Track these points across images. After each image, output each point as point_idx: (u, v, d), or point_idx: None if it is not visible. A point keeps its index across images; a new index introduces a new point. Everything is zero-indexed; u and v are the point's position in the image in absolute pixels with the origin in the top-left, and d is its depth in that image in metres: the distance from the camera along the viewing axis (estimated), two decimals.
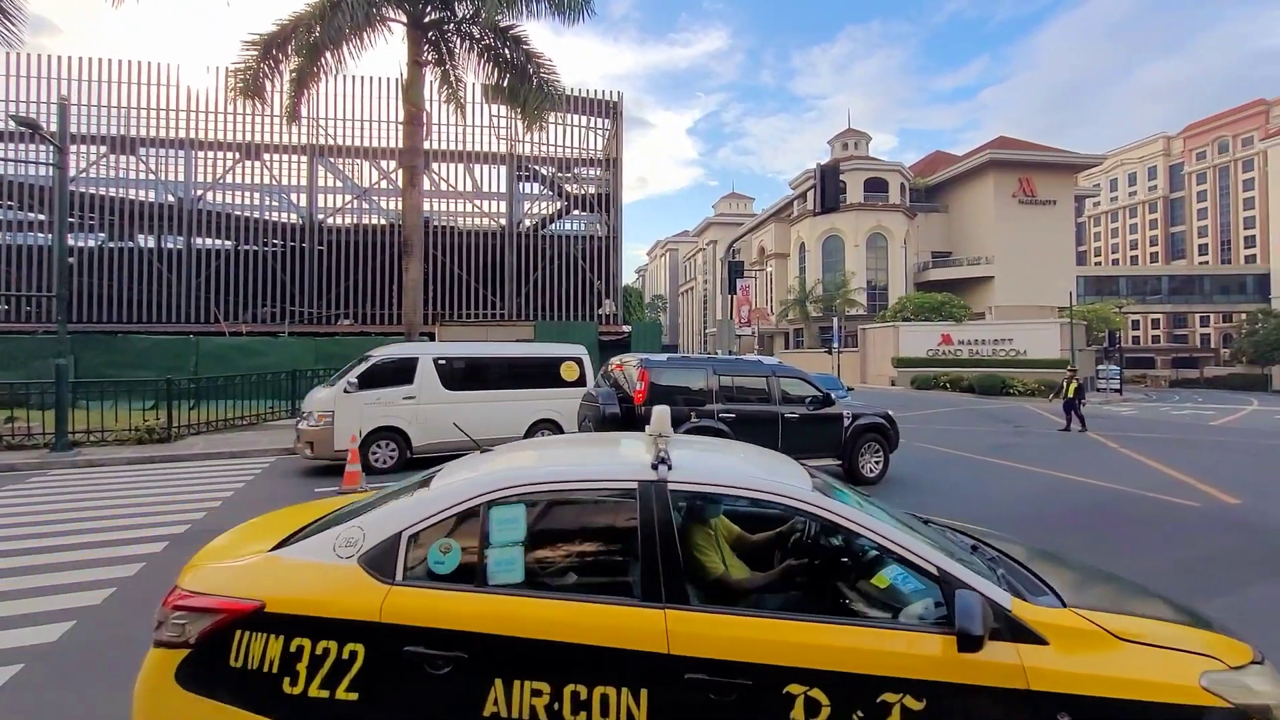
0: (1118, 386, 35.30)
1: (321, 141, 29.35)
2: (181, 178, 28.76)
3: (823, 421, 9.00)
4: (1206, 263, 79.87)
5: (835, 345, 43.14)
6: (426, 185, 29.06)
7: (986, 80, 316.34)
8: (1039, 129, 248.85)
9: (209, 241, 28.95)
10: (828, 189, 14.80)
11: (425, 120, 16.75)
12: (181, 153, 28.58)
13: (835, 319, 48.17)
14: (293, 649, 2.00)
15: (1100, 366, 36.86)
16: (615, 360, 8.96)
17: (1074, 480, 9.70)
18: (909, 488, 8.97)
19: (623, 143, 31.67)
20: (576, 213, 31.96)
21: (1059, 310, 44.39)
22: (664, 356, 8.69)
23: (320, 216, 29.54)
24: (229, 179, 29.50)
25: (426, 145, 25.99)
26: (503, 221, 30.63)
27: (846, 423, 9.15)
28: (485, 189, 31.12)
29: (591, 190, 31.74)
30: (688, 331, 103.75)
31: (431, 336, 21.31)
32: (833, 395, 9.60)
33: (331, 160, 29.98)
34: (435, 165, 30.42)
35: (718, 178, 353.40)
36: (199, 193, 28.90)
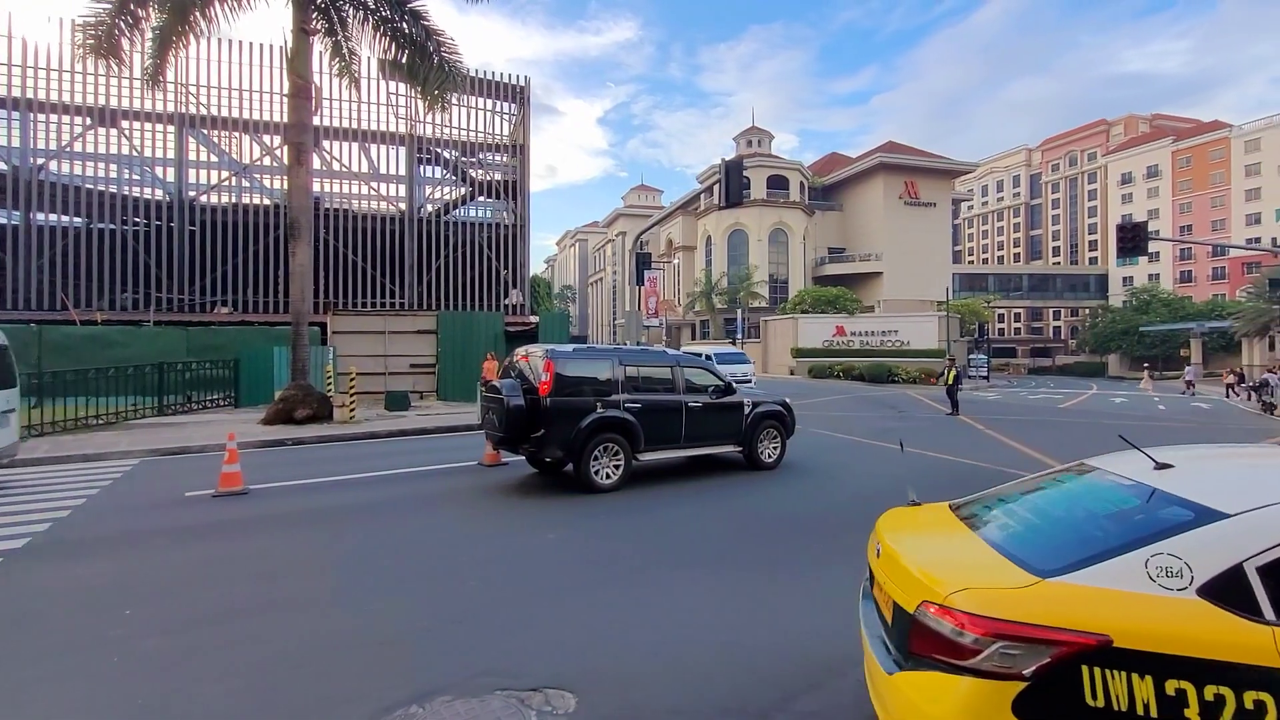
0: (985, 374, 39.06)
1: (193, 111, 26.62)
2: (16, 143, 25.13)
3: (725, 410, 9.31)
4: (1059, 263, 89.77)
5: (739, 336, 44.62)
6: (317, 164, 27.17)
7: (878, 87, 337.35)
8: (923, 136, 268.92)
9: (53, 218, 25.53)
10: (732, 184, 15.27)
11: (314, 94, 15.62)
12: (16, 114, 24.96)
13: (739, 311, 49.86)
14: (1147, 686, 1.89)
15: (971, 356, 40.59)
16: (520, 351, 8.82)
17: (944, 459, 10.67)
18: (804, 472, 9.50)
19: (530, 129, 31.05)
20: (482, 199, 31.03)
21: (937, 304, 48.31)
22: (570, 347, 8.64)
23: (191, 193, 26.84)
24: (78, 147, 26.12)
25: (316, 121, 24.27)
26: (402, 206, 29.19)
27: (747, 411, 9.52)
28: (383, 171, 29.50)
29: (498, 177, 30.90)
30: (597, 322, 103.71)
31: (322, 327, 20.00)
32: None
33: (205, 132, 27.28)
34: (327, 143, 28.47)
35: (627, 169, 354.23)
36: (39, 162, 25.38)
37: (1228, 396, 30.05)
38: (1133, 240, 20.96)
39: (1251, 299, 43.65)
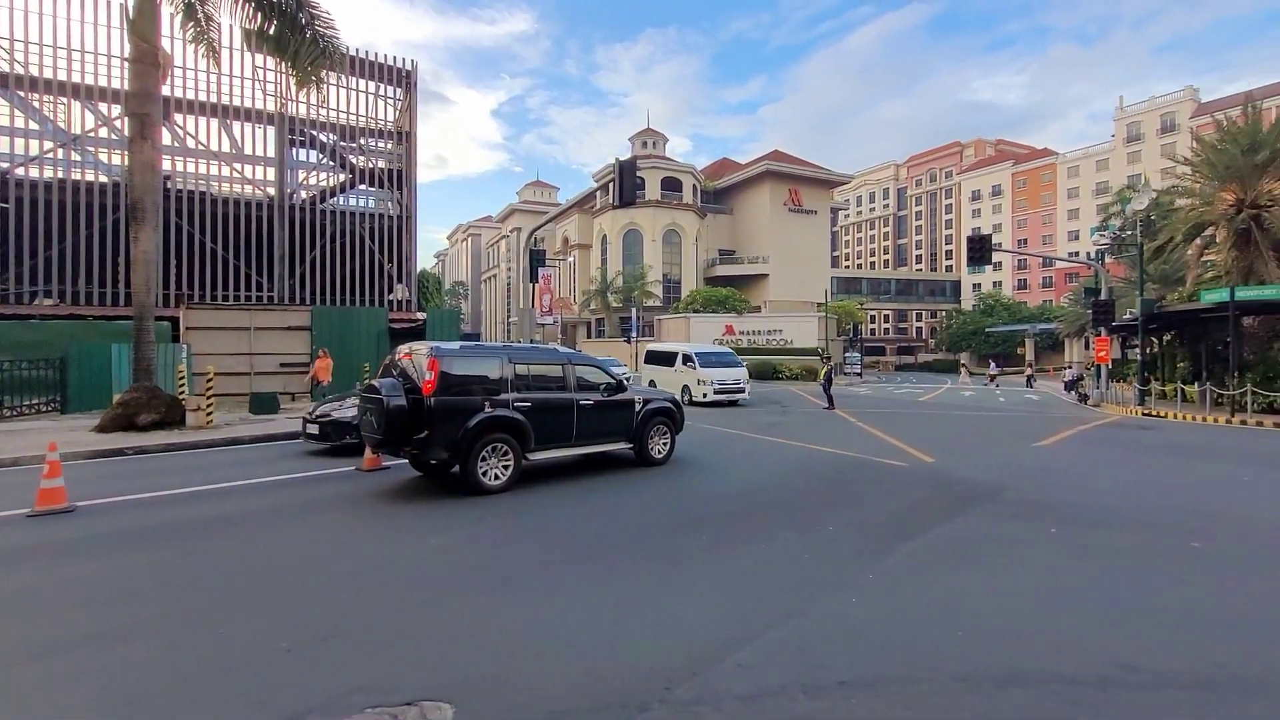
0: (859, 371, 42.24)
1: (5, 69, 22.88)
2: None
3: (616, 407, 9.39)
4: (921, 270, 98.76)
5: (634, 335, 45.17)
6: (167, 139, 24.35)
7: (765, 98, 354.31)
8: (806, 147, 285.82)
9: None
10: (626, 184, 15.41)
11: (163, 61, 13.93)
12: None
13: (634, 310, 50.44)
14: None
15: (847, 354, 43.73)
16: (403, 349, 8.38)
17: (821, 450, 11.41)
18: (693, 466, 9.78)
19: (417, 116, 29.60)
20: (364, 188, 29.16)
21: (817, 305, 51.57)
22: (456, 345, 8.32)
23: (4, 165, 23.08)
24: None
25: (167, 91, 21.73)
26: (271, 191, 26.78)
27: (638, 408, 9.65)
28: (248, 152, 26.91)
29: (381, 164, 29.17)
30: (490, 320, 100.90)
31: (173, 321, 17.93)
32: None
33: (24, 95, 23.54)
34: (180, 117, 25.54)
35: (523, 164, 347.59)
36: None
37: (1028, 385, 35.85)
38: (979, 251, 23.50)
39: (1072, 304, 50.37)
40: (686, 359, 21.17)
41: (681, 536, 6.07)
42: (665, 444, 10.02)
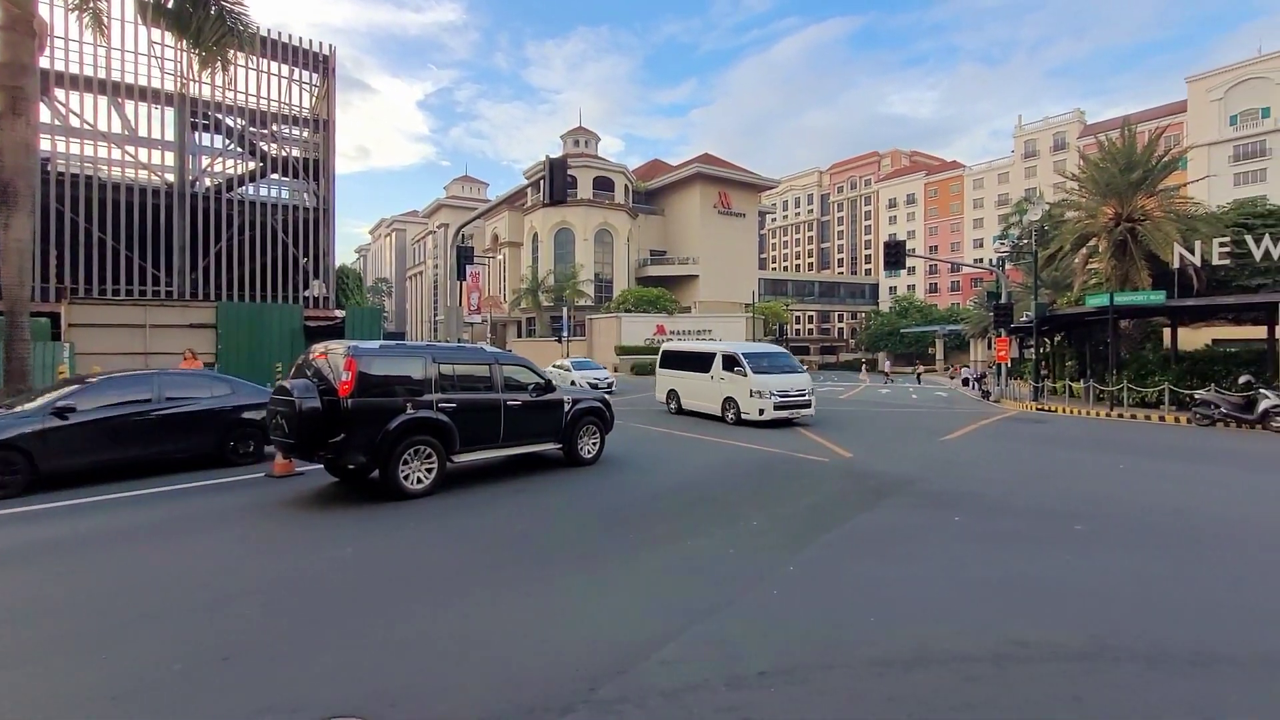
0: None
1: None
2: None
3: (545, 408, 9.28)
4: (843, 273, 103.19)
5: (565, 334, 44.86)
6: (46, 117, 22.11)
7: (696, 101, 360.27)
8: (734, 150, 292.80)
9: None
10: (556, 181, 15.23)
11: (39, 30, 12.60)
12: None
13: (565, 309, 50.11)
14: None
15: None
16: (317, 348, 7.95)
17: (748, 447, 11.71)
18: (622, 466, 9.81)
19: (335, 103, 28.18)
20: (276, 177, 27.48)
21: (745, 306, 52.90)
22: (376, 344, 7.98)
23: None
24: None
25: (46, 64, 19.66)
26: (170, 177, 24.79)
27: (567, 408, 9.58)
28: (144, 134, 24.79)
29: (297, 153, 27.58)
30: (416, 318, 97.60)
31: (54, 318, 16.30)
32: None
33: None
34: (62, 93, 23.22)
35: (450, 158, 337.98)
36: None
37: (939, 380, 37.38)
38: (894, 256, 24.79)
39: (977, 307, 54.01)
40: (731, 362, 15.70)
41: (609, 536, 6.08)
42: (595, 444, 9.99)
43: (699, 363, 16.97)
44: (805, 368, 18.01)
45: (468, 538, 6.01)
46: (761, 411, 14.70)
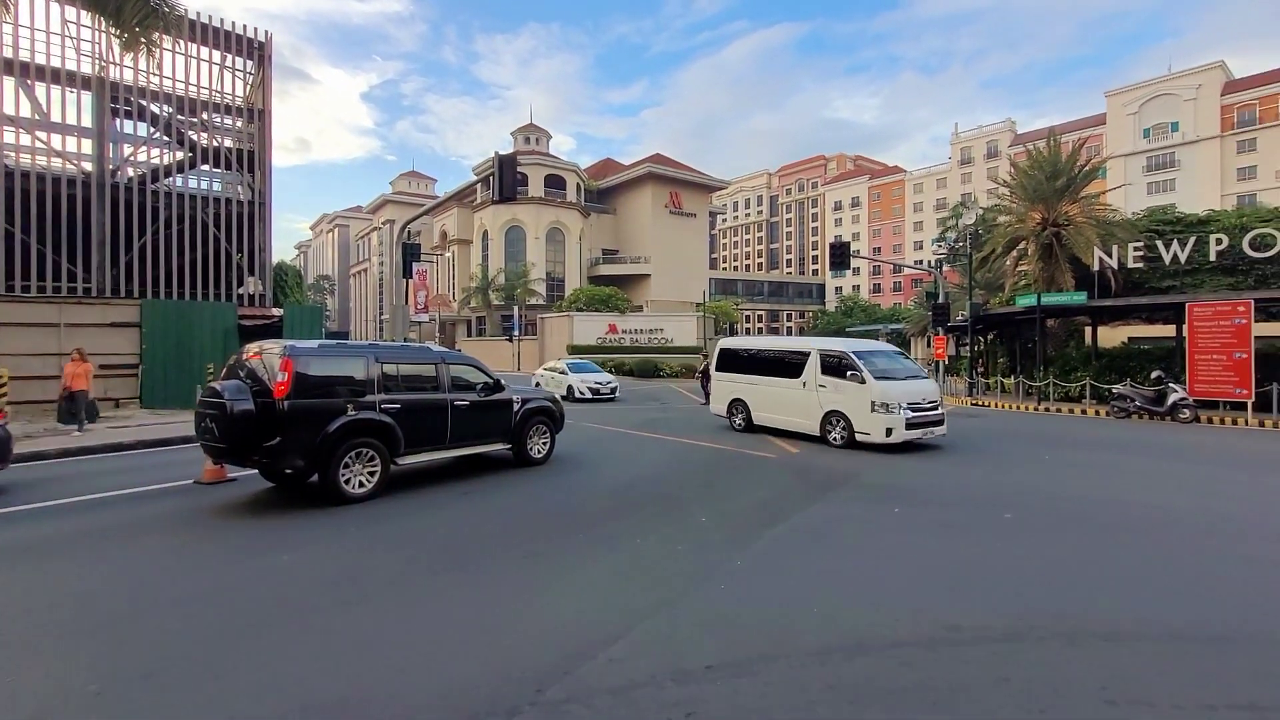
0: None
1: None
2: None
3: (493, 408, 9.13)
4: (791, 273, 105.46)
5: (516, 333, 44.31)
6: None
7: (647, 101, 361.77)
8: (685, 151, 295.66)
9: None
10: (506, 179, 15.00)
11: None
12: None
13: (516, 308, 49.49)
14: None
15: None
16: (251, 347, 7.59)
17: (698, 444, 11.83)
18: (573, 465, 9.75)
19: (272, 92, 26.96)
20: (208, 168, 26.08)
21: (697, 306, 53.40)
22: (315, 343, 7.68)
23: None
24: None
25: None
26: (89, 166, 23.19)
27: (516, 408, 9.46)
28: (58, 119, 23.10)
29: (230, 143, 26.25)
30: (360, 317, 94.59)
31: None
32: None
33: None
34: None
35: (396, 153, 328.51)
36: None
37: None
38: (840, 257, 25.49)
39: (917, 307, 56.19)
40: (837, 365, 11.84)
41: (558, 536, 6.03)
42: (545, 443, 9.91)
43: (780, 366, 12.92)
44: (926, 374, 13.33)
45: (412, 542, 5.85)
46: (889, 432, 10.93)
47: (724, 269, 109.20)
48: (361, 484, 7.33)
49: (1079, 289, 22.03)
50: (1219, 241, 19.39)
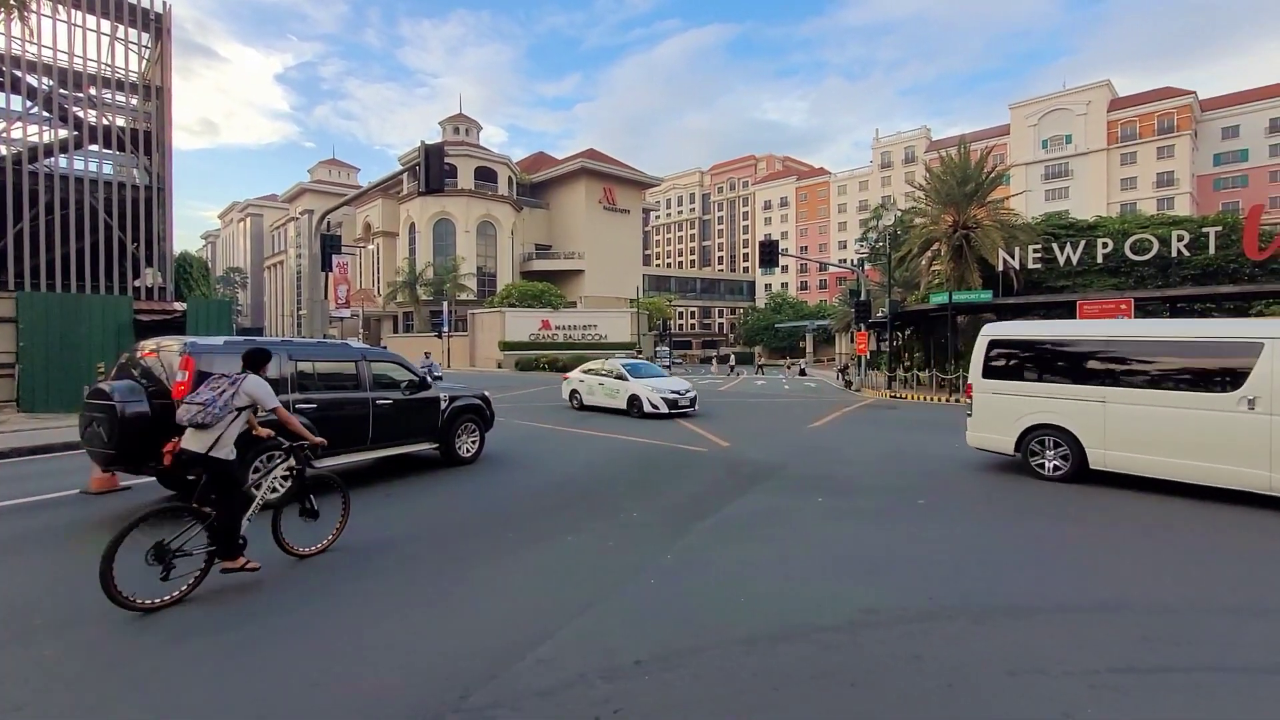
0: (668, 364, 44.76)
1: None
2: None
3: (418, 406, 8.82)
4: (723, 270, 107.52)
5: (446, 330, 43.08)
6: None
7: (580, 96, 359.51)
8: (621, 147, 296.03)
9: None
10: (433, 169, 14.49)
11: None
12: None
13: (446, 303, 48.10)
14: None
15: (658, 348, 46.10)
16: (146, 345, 7.00)
17: (631, 440, 11.87)
18: (503, 463, 9.56)
19: (171, 69, 24.96)
20: (96, 148, 23.88)
21: (630, 302, 53.60)
22: (219, 340, 7.14)
23: None
24: None
25: None
26: None
27: (444, 405, 9.18)
28: None
29: (122, 122, 24.13)
30: (276, 311, 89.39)
31: None
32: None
33: None
34: None
35: (315, 139, 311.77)
36: None
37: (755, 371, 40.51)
38: (769, 255, 26.18)
39: (841, 304, 58.52)
40: None
41: (486, 536, 5.89)
42: (474, 442, 9.67)
43: (1180, 370, 7.59)
44: None
45: (328, 549, 5.56)
46: None
47: (658, 266, 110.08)
48: (274, 489, 6.89)
49: (986, 288, 23.57)
50: (1105, 245, 21.20)
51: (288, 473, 7.03)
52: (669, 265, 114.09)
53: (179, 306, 20.45)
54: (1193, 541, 5.79)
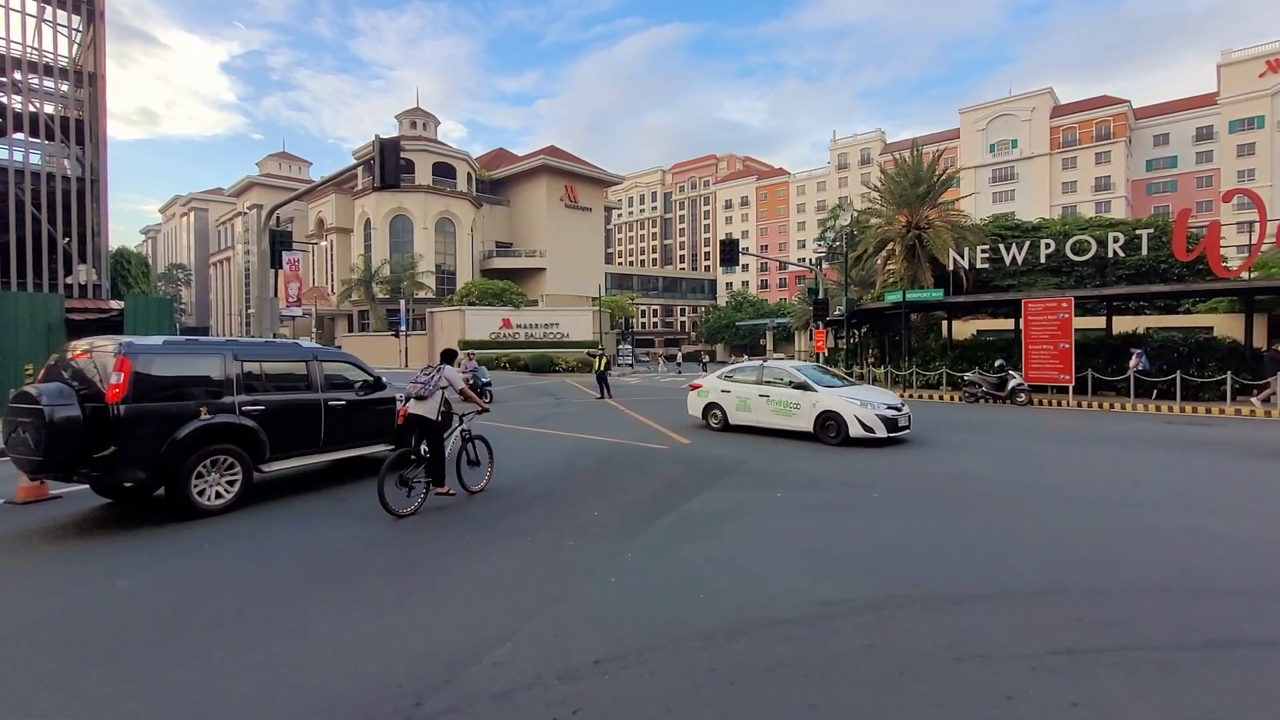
0: (630, 362, 44.82)
1: None
2: None
3: (374, 408, 8.60)
4: (685, 269, 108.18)
5: (403, 328, 42.18)
6: None
7: (542, 92, 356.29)
8: (582, 145, 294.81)
9: None
10: (388, 164, 14.10)
11: None
12: None
13: (403, 301, 47.08)
14: None
15: (620, 346, 46.09)
16: (78, 345, 6.63)
17: (592, 439, 11.84)
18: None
19: (106, 54, 23.71)
20: (22, 137, 22.53)
21: (592, 300, 53.43)
22: (159, 339, 6.81)
23: None
24: None
25: None
26: None
27: (400, 406, 8.97)
28: None
29: (51, 110, 22.82)
30: (223, 310, 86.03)
31: None
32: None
33: None
34: None
35: (264, 131, 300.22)
36: None
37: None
38: (729, 253, 26.43)
39: (800, 302, 59.56)
40: None
41: (443, 540, 5.79)
42: None
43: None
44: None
45: (277, 556, 5.38)
46: None
47: (619, 264, 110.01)
48: (219, 495, 6.64)
49: (937, 287, 24.32)
50: (1048, 246, 22.11)
51: (234, 478, 6.81)
52: (631, 264, 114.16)
53: (116, 305, 19.45)
54: (1123, 528, 6.09)
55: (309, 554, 5.43)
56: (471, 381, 11.67)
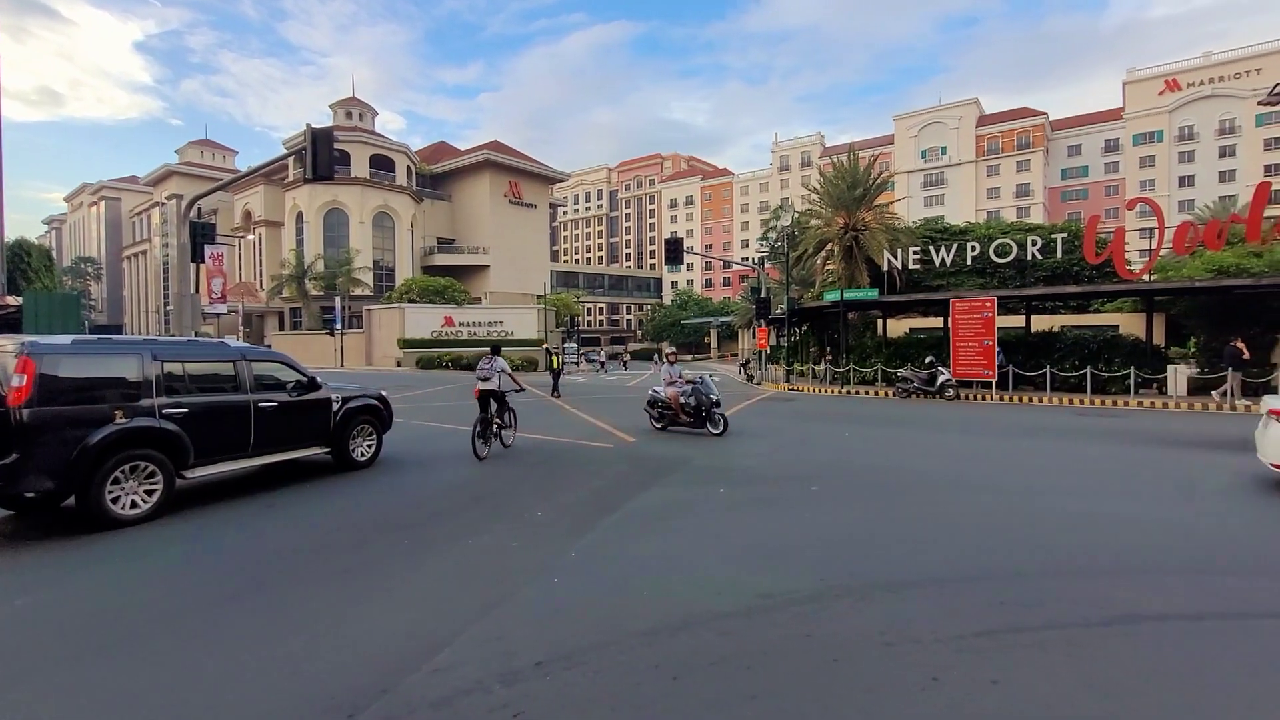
0: (577, 360, 44.60)
1: None
2: None
3: (308, 408, 8.26)
4: (630, 267, 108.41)
5: (339, 327, 40.64)
6: None
7: (484, 85, 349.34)
8: (526, 141, 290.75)
9: None
10: (320, 155, 13.53)
11: None
12: None
13: (339, 298, 45.38)
14: None
15: (565, 344, 45.80)
16: None
17: (536, 438, 11.72)
18: (401, 467, 9.14)
19: None
20: None
21: (537, 298, 52.87)
22: (67, 339, 6.32)
23: None
24: None
25: None
26: None
27: (336, 407, 8.65)
28: None
29: None
30: (138, 307, 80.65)
31: None
32: (315, 377, 9.08)
33: None
34: None
35: (184, 116, 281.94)
36: None
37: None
38: (674, 252, 26.67)
39: (744, 301, 60.69)
40: None
41: (379, 544, 5.62)
42: (370, 445, 9.18)
43: None
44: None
45: (199, 568, 5.09)
46: None
47: (565, 262, 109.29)
48: (136, 504, 6.23)
49: (873, 286, 25.27)
50: (974, 249, 23.32)
51: (154, 485, 6.41)
52: (577, 261, 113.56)
53: (14, 301, 17.94)
54: (1037, 514, 6.51)
55: (235, 563, 5.16)
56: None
